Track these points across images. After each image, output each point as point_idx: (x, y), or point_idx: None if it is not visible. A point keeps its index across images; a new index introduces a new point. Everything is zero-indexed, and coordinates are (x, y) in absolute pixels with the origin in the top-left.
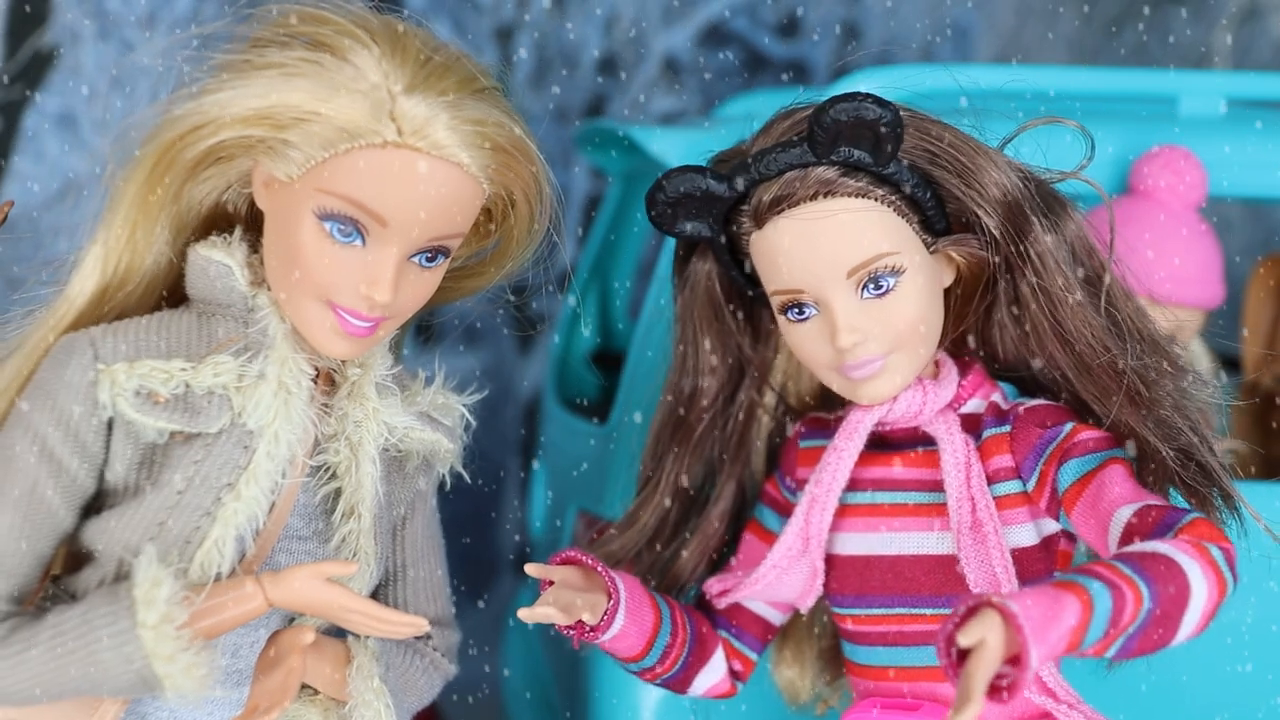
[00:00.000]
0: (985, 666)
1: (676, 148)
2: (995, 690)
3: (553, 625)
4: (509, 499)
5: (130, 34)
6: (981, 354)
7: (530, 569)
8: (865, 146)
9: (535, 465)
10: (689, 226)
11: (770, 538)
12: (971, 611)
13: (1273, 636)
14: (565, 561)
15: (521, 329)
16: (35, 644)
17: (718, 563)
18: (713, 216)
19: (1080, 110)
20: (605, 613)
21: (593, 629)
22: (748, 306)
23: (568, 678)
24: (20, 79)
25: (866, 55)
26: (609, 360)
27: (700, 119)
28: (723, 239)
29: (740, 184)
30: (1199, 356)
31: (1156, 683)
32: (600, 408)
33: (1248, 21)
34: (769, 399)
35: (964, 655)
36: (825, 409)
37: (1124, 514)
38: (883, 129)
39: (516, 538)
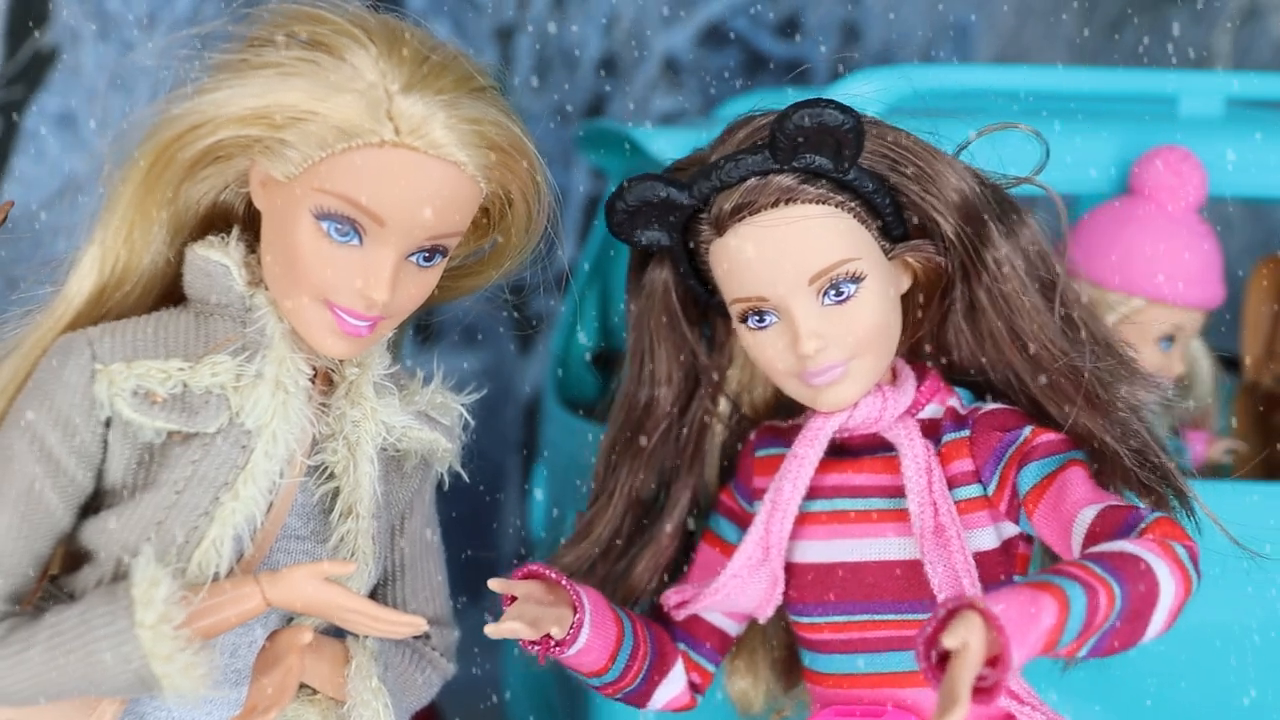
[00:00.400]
0: (969, 668)
1: (676, 148)
2: (977, 691)
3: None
4: (509, 499)
5: (130, 34)
6: (937, 359)
7: (493, 584)
8: (826, 153)
9: (535, 465)
10: (648, 235)
11: (726, 548)
12: (951, 614)
13: (1244, 636)
14: (527, 575)
15: (521, 329)
16: (33, 644)
17: (672, 575)
18: (671, 225)
19: (1080, 110)
20: (571, 626)
21: (559, 643)
22: (703, 316)
23: (568, 679)
24: (20, 79)
25: (866, 55)
26: (609, 360)
27: (700, 119)
28: (681, 247)
29: (700, 191)
30: (1199, 356)
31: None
32: (600, 408)
33: (1248, 21)
34: (723, 408)
35: (943, 659)
36: (779, 418)
37: (1087, 515)
38: (844, 135)
39: (517, 538)
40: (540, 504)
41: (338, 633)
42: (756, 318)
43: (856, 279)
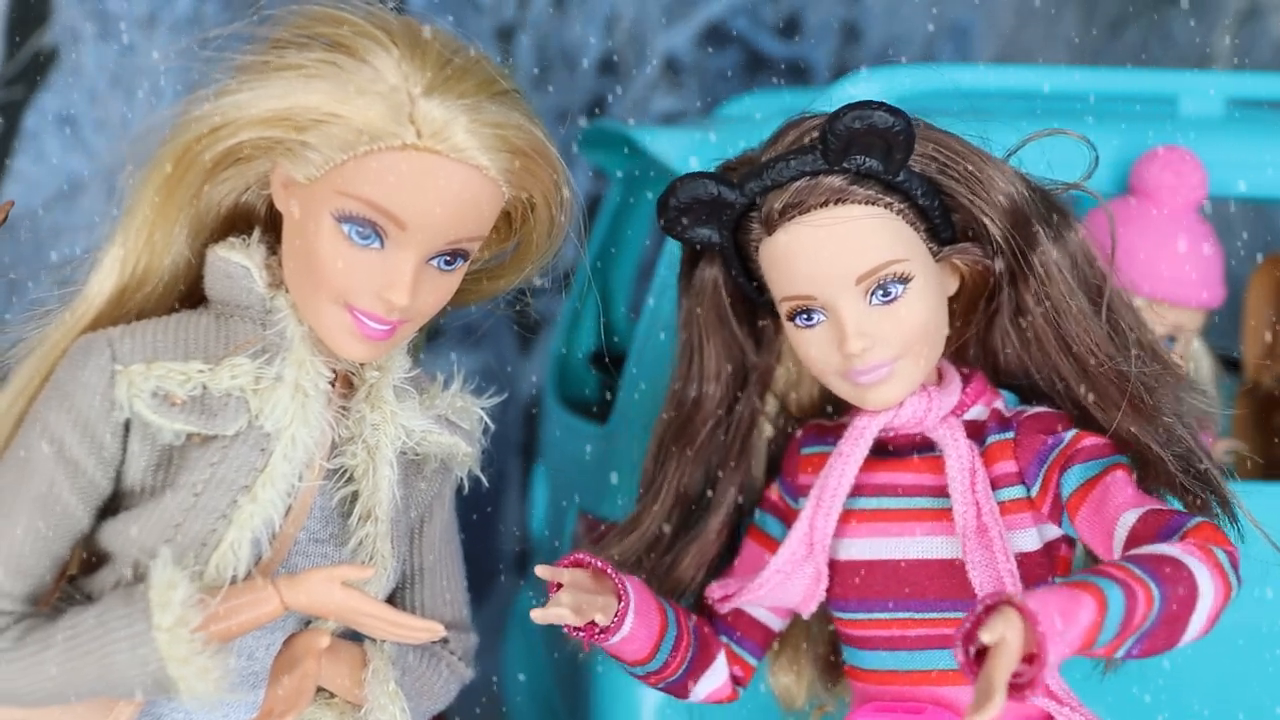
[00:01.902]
0: (1006, 664)
1: (676, 148)
2: (1013, 687)
3: (555, 627)
4: (509, 499)
5: (130, 34)
6: (983, 362)
7: (540, 570)
8: (876, 155)
9: (535, 465)
10: (699, 233)
11: (770, 544)
12: (989, 610)
13: (1269, 639)
14: (573, 564)
15: (522, 329)
16: (51, 645)
17: (715, 569)
18: (722, 223)
19: (1080, 110)
20: (616, 614)
21: (603, 631)
22: (752, 313)
23: (569, 679)
24: (20, 79)
25: (866, 55)
26: (609, 360)
27: (700, 119)
28: (731, 245)
29: (750, 190)
30: (1199, 356)
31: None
32: (600, 408)
33: (1248, 21)
34: (770, 406)
35: (981, 654)
36: (825, 416)
37: (1129, 518)
38: (894, 137)
39: (517, 537)
40: (540, 504)
41: (355, 636)
42: (804, 316)
43: (904, 280)
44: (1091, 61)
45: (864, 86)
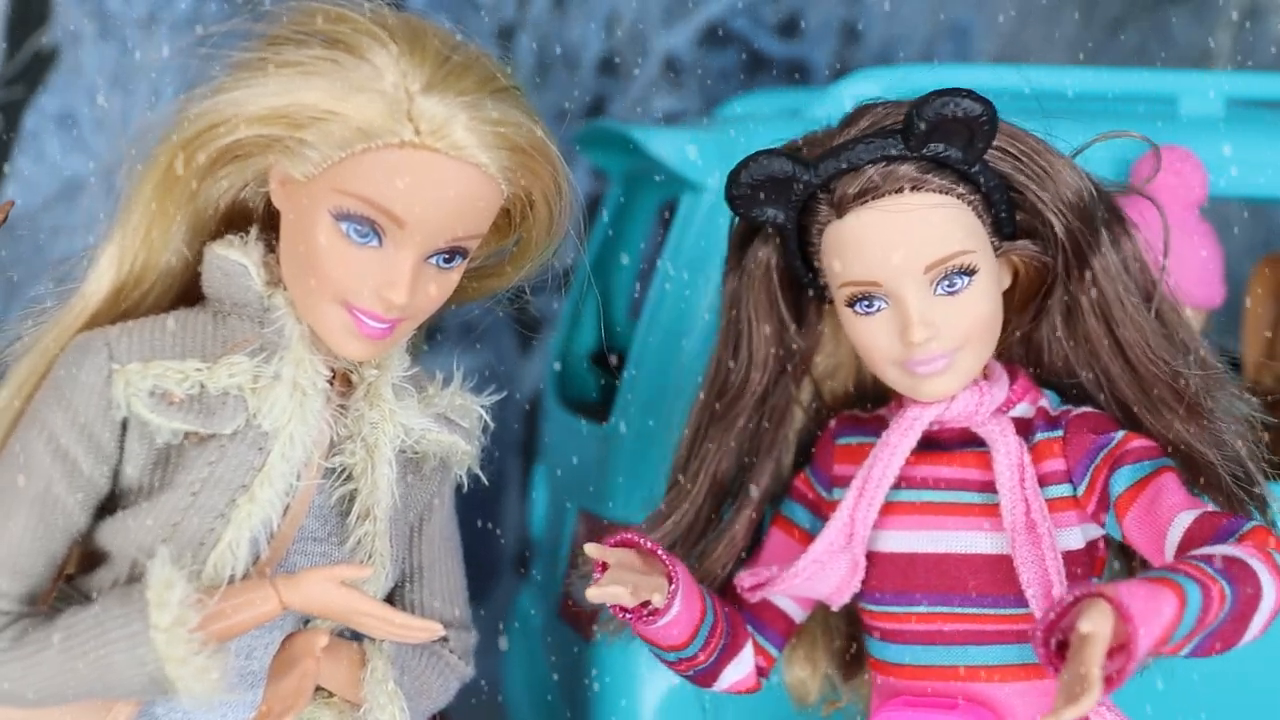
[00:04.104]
0: (1100, 656)
1: (676, 148)
2: (1105, 681)
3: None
4: (509, 499)
5: (130, 34)
6: (1025, 361)
7: (590, 549)
8: (957, 143)
9: (535, 465)
10: (766, 211)
11: (799, 534)
12: (1074, 603)
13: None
14: (621, 544)
15: (522, 328)
16: (48, 646)
17: (740, 558)
18: (790, 203)
19: (1080, 110)
20: (667, 595)
21: (652, 612)
22: (797, 298)
23: (568, 678)
24: (20, 79)
25: (866, 55)
26: (609, 360)
27: (700, 119)
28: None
29: (825, 171)
30: None
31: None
32: (600, 408)
33: (1248, 21)
34: (805, 394)
35: (1060, 648)
36: (859, 407)
37: (1184, 520)
38: (978, 126)
39: (517, 537)
40: (540, 504)
41: (355, 635)
42: (865, 303)
43: (969, 272)
44: (1091, 61)
45: (864, 86)
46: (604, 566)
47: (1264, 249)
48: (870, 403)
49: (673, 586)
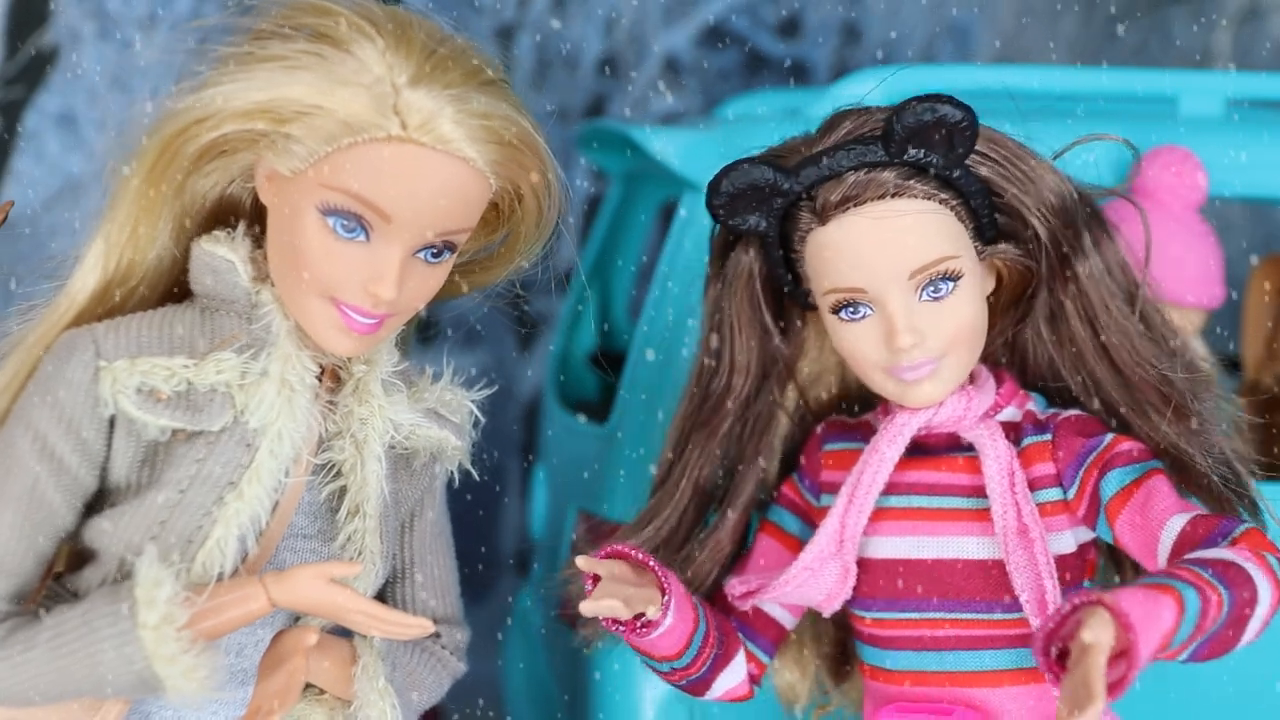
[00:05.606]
0: (1103, 664)
1: (676, 148)
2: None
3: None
4: (509, 499)
5: (130, 34)
6: (1009, 364)
7: (580, 562)
8: (938, 149)
9: (535, 466)
10: (748, 219)
11: (786, 540)
12: (1073, 611)
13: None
14: (611, 555)
15: (522, 327)
16: (36, 645)
17: (726, 565)
18: (772, 210)
19: (1080, 110)
20: (661, 606)
21: (645, 624)
22: (779, 304)
23: (568, 678)
24: (20, 79)
25: (866, 55)
26: (609, 360)
27: (700, 119)
28: (776, 234)
29: (806, 178)
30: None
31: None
32: (600, 408)
33: (1248, 21)
34: (790, 400)
35: (1061, 656)
36: (844, 413)
37: (1176, 523)
38: (959, 131)
39: (516, 537)
40: (540, 504)
41: (345, 631)
42: (850, 310)
43: (954, 278)
44: (1091, 61)
45: (864, 86)
46: (595, 579)
47: (1264, 249)
48: (856, 407)
49: (666, 598)
